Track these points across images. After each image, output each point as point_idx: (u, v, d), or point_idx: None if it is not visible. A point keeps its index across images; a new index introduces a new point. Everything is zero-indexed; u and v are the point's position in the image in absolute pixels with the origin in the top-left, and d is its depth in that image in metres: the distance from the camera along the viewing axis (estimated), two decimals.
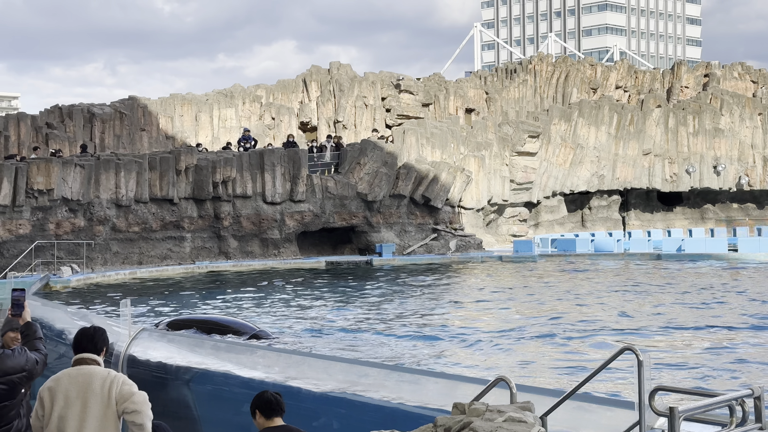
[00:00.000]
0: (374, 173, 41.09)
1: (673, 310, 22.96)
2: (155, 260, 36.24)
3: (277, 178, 38.71)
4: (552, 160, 49.52)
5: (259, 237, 38.64)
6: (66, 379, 5.76)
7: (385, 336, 19.27)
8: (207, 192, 37.25)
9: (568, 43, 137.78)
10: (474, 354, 17.26)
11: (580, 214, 52.78)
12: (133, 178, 35.72)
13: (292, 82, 51.32)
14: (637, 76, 60.14)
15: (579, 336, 18.83)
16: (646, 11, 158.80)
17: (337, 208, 40.28)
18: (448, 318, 22.47)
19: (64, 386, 5.72)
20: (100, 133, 42.89)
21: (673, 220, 54.71)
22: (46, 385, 5.80)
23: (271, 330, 18.75)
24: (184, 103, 47.07)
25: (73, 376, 5.74)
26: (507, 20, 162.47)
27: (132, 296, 22.50)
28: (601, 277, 32.98)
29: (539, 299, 26.06)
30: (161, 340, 11.35)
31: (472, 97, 54.30)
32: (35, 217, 33.43)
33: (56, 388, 5.73)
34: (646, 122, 52.85)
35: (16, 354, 5.94)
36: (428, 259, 39.56)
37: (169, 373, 10.24)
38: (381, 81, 51.28)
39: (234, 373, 9.76)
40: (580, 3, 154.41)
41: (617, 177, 51.84)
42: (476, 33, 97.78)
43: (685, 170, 53.38)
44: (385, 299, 26.50)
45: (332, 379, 8.88)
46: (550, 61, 58.41)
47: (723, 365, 15.50)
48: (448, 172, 43.07)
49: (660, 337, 18.54)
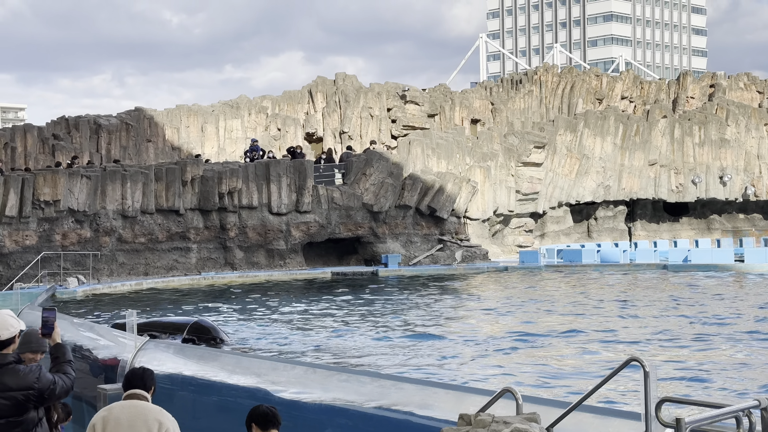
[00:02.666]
0: (380, 184, 41.12)
1: (679, 320, 22.90)
2: (161, 271, 36.28)
3: (282, 189, 38.76)
4: (558, 171, 49.49)
5: (264, 248, 38.66)
6: (118, 409, 5.98)
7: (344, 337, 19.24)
8: (213, 203, 37.29)
9: (574, 54, 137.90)
10: (480, 364, 17.23)
11: (586, 225, 52.72)
12: (139, 189, 35.78)
13: (297, 93, 51.43)
14: (643, 86, 60.14)
15: (585, 346, 18.79)
16: (651, 22, 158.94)
17: (343, 219, 40.30)
18: (453, 327, 22.44)
19: (115, 415, 5.92)
20: (106, 144, 43.00)
21: (680, 231, 54.60)
22: (100, 414, 6.00)
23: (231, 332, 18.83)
24: (190, 114, 47.19)
25: (126, 407, 5.98)
26: (512, 31, 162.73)
27: (138, 307, 22.54)
28: (608, 287, 32.91)
29: (545, 309, 26.01)
30: (167, 351, 11.35)
31: (477, 107, 54.34)
32: (42, 228, 33.49)
33: (108, 417, 5.92)
34: (651, 133, 52.81)
35: (25, 371, 5.87)
36: (434, 269, 39.54)
37: (175, 384, 10.24)
38: (387, 92, 51.36)
39: (240, 384, 9.75)
40: (585, 14, 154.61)
41: (623, 187, 51.78)
42: (482, 44, 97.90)
43: (691, 181, 53.31)
44: (388, 309, 26.49)
45: (335, 390, 8.87)
46: (555, 72, 58.44)
47: (730, 376, 15.46)
48: (453, 183, 43.07)
49: (667, 348, 18.49)
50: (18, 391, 5.79)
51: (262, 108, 49.47)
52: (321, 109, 50.45)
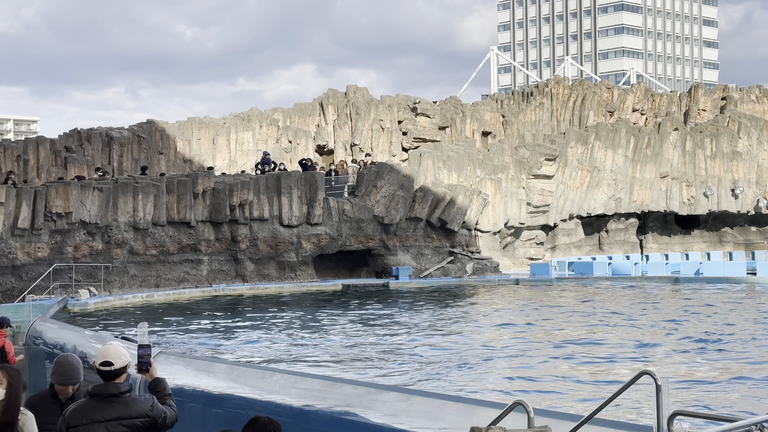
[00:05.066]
0: (391, 196, 41.14)
1: (691, 333, 22.81)
2: (172, 283, 36.33)
3: (293, 201, 38.80)
4: (569, 183, 49.43)
5: (275, 260, 38.69)
6: None
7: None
8: (224, 215, 37.36)
9: (585, 66, 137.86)
10: (491, 377, 17.19)
11: (597, 237, 52.61)
12: (151, 201, 35.87)
13: (309, 106, 51.56)
14: (654, 99, 60.08)
15: (597, 359, 18.73)
16: (662, 34, 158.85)
17: (354, 231, 40.31)
18: (464, 339, 22.40)
19: None
20: (118, 157, 43.16)
21: (691, 244, 54.43)
22: None
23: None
24: (202, 127, 47.34)
25: None
26: (523, 43, 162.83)
27: (149, 319, 22.57)
28: (619, 299, 32.81)
29: (557, 322, 25.94)
30: (178, 362, 11.36)
31: (488, 120, 54.37)
32: (53, 240, 33.60)
33: None
34: (663, 145, 52.73)
35: (141, 399, 6.12)
36: (445, 282, 39.49)
37: (185, 396, 10.24)
38: (398, 104, 51.44)
39: (250, 396, 9.75)
40: (596, 26, 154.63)
41: (634, 200, 51.68)
42: (493, 56, 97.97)
43: (703, 193, 53.17)
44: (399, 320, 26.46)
45: (343, 402, 8.86)
46: (566, 84, 58.44)
47: (742, 389, 15.38)
48: (464, 195, 43.06)
49: (679, 361, 18.41)
50: (137, 418, 6.01)
51: (273, 120, 49.60)
52: (332, 122, 50.54)
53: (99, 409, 5.95)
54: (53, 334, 17.51)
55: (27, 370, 17.76)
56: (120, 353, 6.09)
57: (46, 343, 17.51)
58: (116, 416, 5.95)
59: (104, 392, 6.00)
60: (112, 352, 6.06)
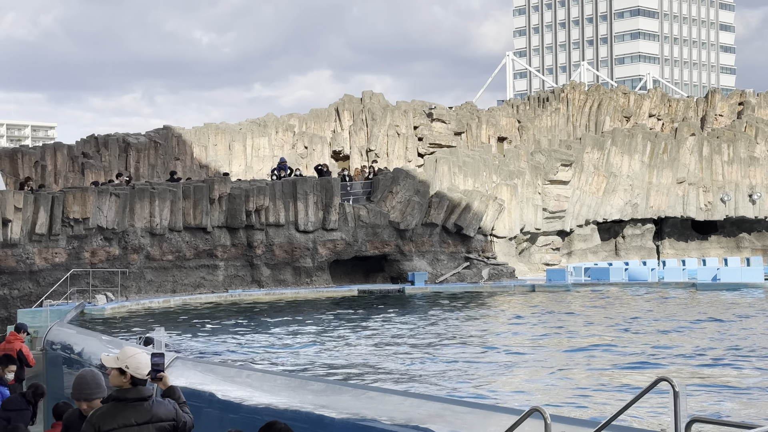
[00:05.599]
0: (406, 202, 41.13)
1: (708, 339, 22.69)
2: (189, 288, 36.42)
3: (309, 207, 38.84)
4: (585, 189, 49.29)
5: (291, 265, 38.73)
6: None
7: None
8: (240, 220, 37.43)
9: (601, 72, 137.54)
10: (507, 383, 17.14)
11: (614, 243, 52.42)
12: (167, 206, 35.98)
13: (324, 111, 51.60)
14: (671, 104, 59.85)
15: (614, 365, 18.65)
16: (679, 39, 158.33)
17: (370, 237, 40.31)
18: (480, 345, 22.35)
19: None
20: (135, 162, 43.31)
21: (708, 249, 54.17)
22: None
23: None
24: (218, 133, 47.46)
25: None
26: (539, 49, 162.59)
27: (165, 324, 22.62)
28: (636, 305, 32.68)
29: (573, 327, 25.86)
30: (195, 368, 11.38)
31: (504, 125, 54.29)
32: (71, 245, 33.74)
33: None
34: (680, 150, 52.52)
35: (165, 403, 6.27)
36: (461, 287, 39.43)
37: (203, 402, 10.26)
38: (413, 110, 51.43)
39: (266, 402, 9.76)
40: (612, 31, 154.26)
41: (651, 205, 51.48)
42: (508, 62, 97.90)
43: (720, 199, 52.91)
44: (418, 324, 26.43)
45: (360, 408, 8.85)
46: (582, 90, 58.30)
47: (761, 396, 15.28)
48: (480, 201, 43.01)
49: (697, 367, 18.32)
50: (166, 421, 6.19)
51: (289, 126, 49.67)
52: (348, 127, 50.58)
53: (128, 413, 6.04)
54: (70, 339, 17.57)
55: (44, 376, 17.83)
56: (147, 363, 6.21)
57: (63, 348, 17.58)
58: (147, 419, 6.08)
59: (129, 396, 6.10)
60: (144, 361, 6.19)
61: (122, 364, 6.15)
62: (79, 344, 16.36)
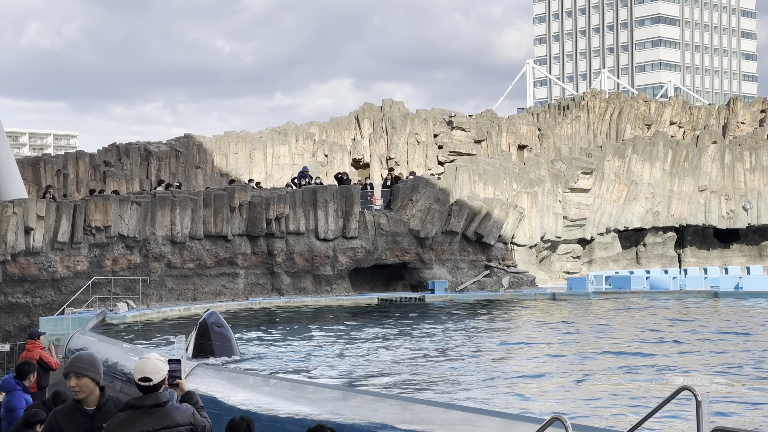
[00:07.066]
0: (426, 210, 41.11)
1: (731, 348, 22.53)
2: (209, 296, 36.52)
3: (329, 215, 38.89)
4: (606, 197, 49.11)
5: (311, 273, 38.77)
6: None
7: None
8: (260, 229, 37.51)
9: (622, 79, 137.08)
10: (528, 391, 17.08)
11: (635, 251, 52.18)
12: (188, 215, 36.12)
13: (344, 120, 51.68)
14: (692, 112, 59.56)
15: (636, 374, 18.55)
16: (700, 47, 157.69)
17: (390, 245, 40.31)
18: (501, 353, 22.29)
19: None
20: (156, 171, 43.50)
21: (730, 258, 53.82)
22: None
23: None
24: (238, 141, 47.61)
25: None
26: (559, 57, 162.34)
27: (186, 332, 22.68)
28: (658, 314, 32.50)
29: (594, 336, 25.74)
30: (216, 376, 11.40)
31: (524, 133, 54.19)
32: (92, 253, 33.92)
33: None
34: (701, 158, 52.25)
35: (183, 408, 6.31)
36: (481, 295, 39.35)
37: (223, 410, 10.27)
38: (433, 118, 51.42)
39: (287, 411, 9.76)
40: (633, 39, 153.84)
41: (672, 214, 51.22)
42: (528, 69, 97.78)
43: (742, 207, 52.58)
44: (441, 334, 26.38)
45: (382, 416, 8.85)
46: (603, 97, 58.12)
47: None
48: (500, 209, 42.93)
49: (720, 377, 18.19)
50: (183, 426, 6.21)
51: (309, 134, 49.77)
52: (368, 135, 50.62)
53: (146, 420, 6.08)
54: (92, 347, 17.65)
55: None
56: (158, 368, 6.20)
57: None
58: (165, 425, 6.10)
59: (147, 403, 6.12)
60: (150, 367, 6.17)
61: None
62: (101, 352, 16.43)
